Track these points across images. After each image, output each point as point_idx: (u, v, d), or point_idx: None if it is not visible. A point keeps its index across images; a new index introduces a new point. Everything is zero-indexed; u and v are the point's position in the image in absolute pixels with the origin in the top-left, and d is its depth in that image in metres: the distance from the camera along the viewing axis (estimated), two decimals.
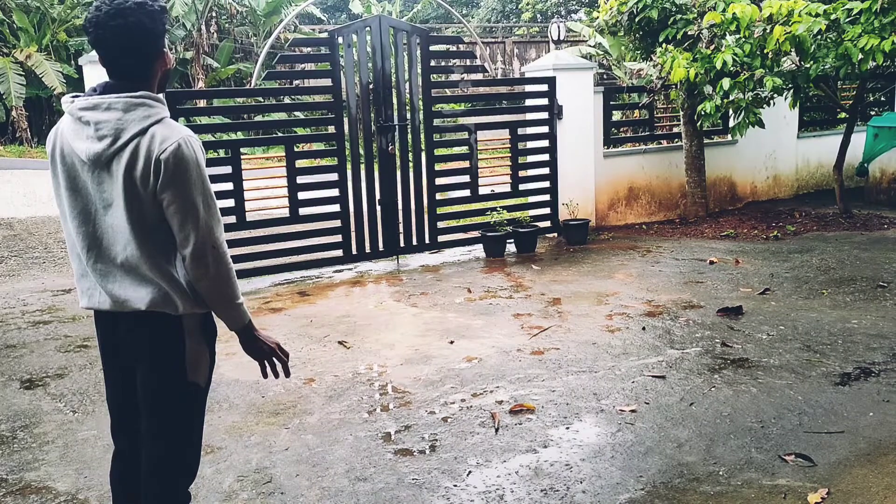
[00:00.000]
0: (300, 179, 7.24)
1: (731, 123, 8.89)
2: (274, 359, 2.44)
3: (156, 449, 2.35)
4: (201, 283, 2.26)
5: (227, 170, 6.95)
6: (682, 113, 9.07)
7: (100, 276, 2.26)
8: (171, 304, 2.26)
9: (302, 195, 7.26)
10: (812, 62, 7.56)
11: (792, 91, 8.23)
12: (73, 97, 2.24)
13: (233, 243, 7.09)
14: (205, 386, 2.40)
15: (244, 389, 4.51)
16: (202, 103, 14.17)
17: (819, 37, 7.39)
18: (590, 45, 15.51)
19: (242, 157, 7.10)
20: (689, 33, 8.23)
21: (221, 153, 8.38)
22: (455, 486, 3.33)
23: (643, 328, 5.37)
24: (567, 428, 3.86)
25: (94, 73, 6.45)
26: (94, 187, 2.20)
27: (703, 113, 8.02)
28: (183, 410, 2.36)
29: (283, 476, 3.46)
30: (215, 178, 6.98)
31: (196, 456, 2.45)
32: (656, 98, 9.20)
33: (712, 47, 7.95)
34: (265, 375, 2.46)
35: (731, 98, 7.82)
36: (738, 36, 7.67)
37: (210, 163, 7.76)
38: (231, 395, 4.42)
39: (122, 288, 2.25)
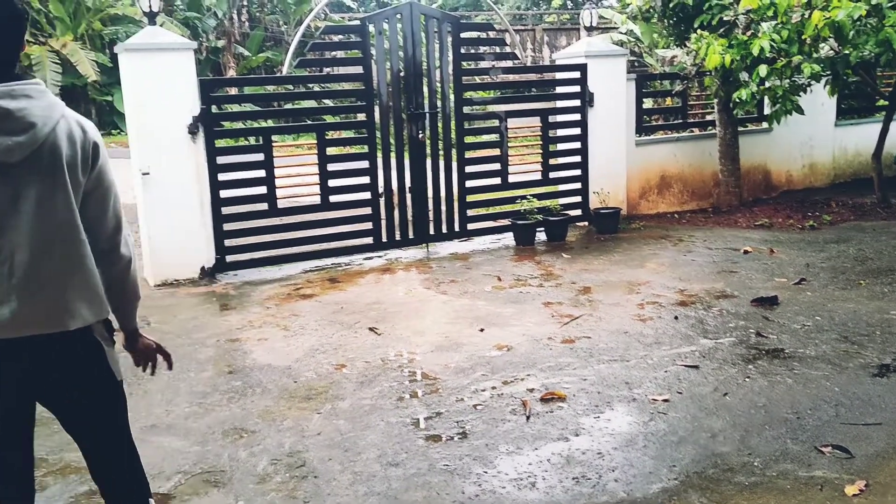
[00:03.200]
0: (331, 167, 7.27)
1: (767, 111, 8.75)
2: (158, 354, 2.41)
3: (121, 454, 2.26)
4: (127, 273, 2.20)
5: (259, 157, 7.00)
6: (716, 100, 8.94)
7: (17, 294, 1.94)
8: (100, 310, 2.11)
9: (332, 182, 7.28)
10: (851, 48, 7.39)
11: (830, 78, 8.07)
12: None
13: (265, 230, 7.15)
14: None
15: (276, 374, 4.55)
16: (233, 91, 14.28)
17: (859, 22, 7.21)
18: (621, 33, 15.31)
19: (273, 144, 7.14)
20: (725, 19, 8.09)
21: (252, 140, 8.43)
22: (486, 472, 3.34)
23: (675, 317, 5.32)
24: (598, 416, 3.84)
25: (130, 62, 6.52)
26: (3, 187, 1.91)
27: (738, 100, 7.89)
28: (124, 409, 2.26)
29: (316, 460, 3.49)
30: (248, 166, 7.04)
31: None
32: (690, 85, 9.07)
33: (749, 33, 7.80)
34: (145, 370, 2.42)
35: (768, 85, 7.69)
36: (775, 22, 7.52)
37: (242, 150, 7.85)
38: (264, 380, 4.47)
39: (46, 303, 1.99)
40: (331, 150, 7.39)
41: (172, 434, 3.82)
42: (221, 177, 6.88)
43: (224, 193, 6.91)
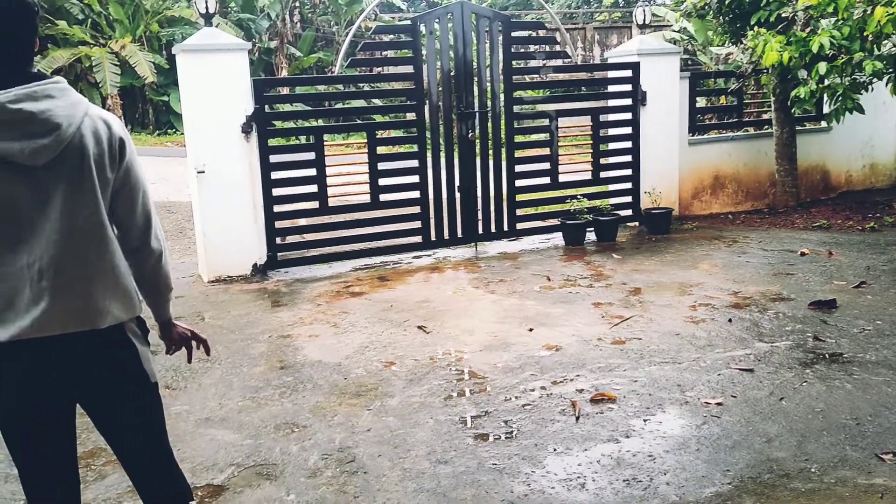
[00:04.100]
0: (380, 166, 7.32)
1: (826, 109, 8.52)
2: (193, 341, 2.41)
3: (154, 456, 2.23)
4: (159, 267, 2.18)
5: (311, 156, 7.09)
6: (773, 99, 8.74)
7: (48, 294, 1.93)
8: (131, 308, 2.11)
9: (382, 181, 7.33)
10: None
11: (893, 76, 7.81)
12: None
13: (316, 228, 7.24)
14: None
15: (327, 371, 4.60)
16: (285, 91, 14.50)
17: None
18: (674, 30, 15.09)
19: (324, 143, 7.21)
20: (783, 15, 7.91)
21: (303, 140, 8.54)
22: (535, 472, 3.32)
23: (729, 320, 5.22)
24: (650, 419, 3.79)
25: (187, 62, 6.66)
26: (31, 190, 1.90)
27: (796, 98, 7.70)
28: (161, 412, 2.24)
29: (366, 456, 3.52)
30: (300, 164, 7.14)
31: None
32: (746, 83, 8.89)
33: (808, 30, 7.61)
34: (189, 359, 2.45)
35: (827, 83, 7.49)
36: (835, 18, 7.32)
37: (293, 149, 7.95)
38: (315, 376, 4.52)
39: (76, 303, 1.98)
40: (381, 150, 7.44)
41: (226, 427, 3.90)
42: (273, 175, 6.99)
43: (276, 191, 7.01)
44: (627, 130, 8.40)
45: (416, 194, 7.52)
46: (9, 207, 1.89)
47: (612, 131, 8.59)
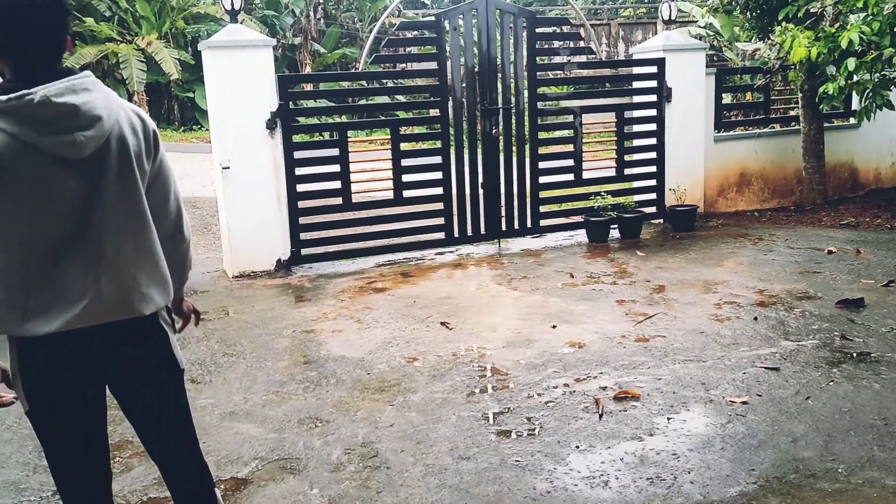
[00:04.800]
0: (404, 162, 7.33)
1: (855, 106, 8.40)
2: (192, 315, 2.55)
3: (185, 443, 2.28)
4: (188, 251, 2.30)
5: (335, 152, 7.11)
6: (800, 95, 8.64)
7: (95, 284, 1.98)
8: (168, 294, 2.17)
9: (406, 178, 7.34)
10: None
11: None
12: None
13: (339, 224, 7.27)
14: None
15: (350, 366, 4.62)
16: (308, 87, 14.55)
17: None
18: (699, 26, 14.98)
19: (348, 139, 7.24)
20: (812, 11, 7.80)
21: (327, 136, 8.61)
22: (558, 469, 3.32)
23: (755, 318, 5.17)
24: (674, 417, 3.77)
25: (213, 59, 6.71)
26: (78, 182, 1.94)
27: (824, 95, 7.60)
28: (186, 398, 2.29)
29: (389, 451, 3.53)
30: (323, 160, 7.17)
31: None
32: (773, 79, 8.78)
33: (836, 25, 7.51)
34: (181, 329, 2.54)
35: (856, 79, 7.38)
36: (864, 13, 7.21)
37: (317, 145, 7.99)
38: (338, 371, 4.55)
39: (123, 290, 2.03)
40: (404, 146, 7.45)
41: (250, 421, 3.93)
42: (297, 171, 7.02)
43: (300, 187, 7.05)
44: (652, 127, 8.34)
45: (439, 190, 7.53)
46: (58, 201, 1.92)
47: (637, 128, 8.53)
